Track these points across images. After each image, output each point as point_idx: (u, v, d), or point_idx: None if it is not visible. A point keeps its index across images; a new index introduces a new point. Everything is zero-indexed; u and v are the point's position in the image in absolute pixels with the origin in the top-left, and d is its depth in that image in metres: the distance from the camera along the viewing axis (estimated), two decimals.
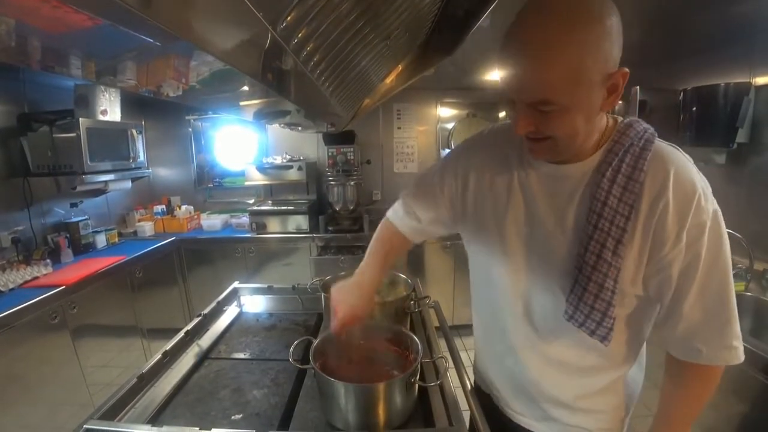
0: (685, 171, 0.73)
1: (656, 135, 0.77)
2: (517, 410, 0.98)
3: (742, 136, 1.85)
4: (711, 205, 0.72)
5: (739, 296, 1.84)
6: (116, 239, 3.11)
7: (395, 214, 1.06)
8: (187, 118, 3.77)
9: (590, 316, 0.76)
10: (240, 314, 1.58)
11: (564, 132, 0.71)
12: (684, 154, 0.77)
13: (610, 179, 0.73)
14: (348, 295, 1.00)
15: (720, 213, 0.73)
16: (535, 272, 0.85)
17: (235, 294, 1.67)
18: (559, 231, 0.80)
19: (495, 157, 0.90)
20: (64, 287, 2.12)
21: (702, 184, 0.73)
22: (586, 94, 0.67)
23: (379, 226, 1.10)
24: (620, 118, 0.81)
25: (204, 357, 1.25)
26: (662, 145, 0.76)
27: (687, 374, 0.82)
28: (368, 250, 1.07)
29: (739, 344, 0.76)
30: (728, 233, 0.74)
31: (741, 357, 0.76)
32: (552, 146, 0.74)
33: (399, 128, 3.91)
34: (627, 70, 0.67)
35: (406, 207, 1.03)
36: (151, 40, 0.52)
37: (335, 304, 0.99)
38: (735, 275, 1.86)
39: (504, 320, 0.92)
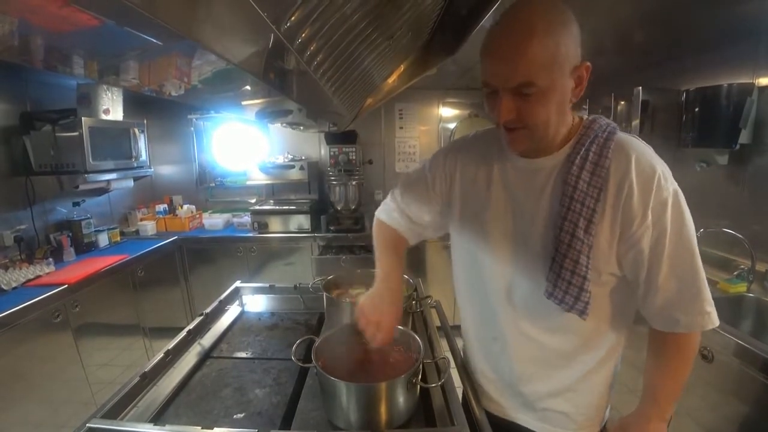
0: (645, 155, 0.80)
1: (618, 128, 0.86)
2: (502, 403, 1.03)
3: (744, 137, 1.84)
4: (671, 185, 0.79)
5: (740, 297, 1.85)
6: (118, 238, 3.11)
7: (389, 216, 1.09)
8: (189, 117, 3.77)
9: (568, 292, 0.82)
10: (242, 313, 1.58)
11: (540, 118, 0.77)
12: (644, 143, 0.84)
13: (579, 166, 0.81)
14: (384, 305, 0.97)
15: (680, 193, 0.80)
16: (517, 257, 0.91)
17: (236, 293, 1.68)
18: (537, 217, 0.87)
19: (478, 155, 0.98)
20: (66, 286, 2.12)
21: (661, 166, 0.80)
22: (560, 80, 0.75)
23: (376, 230, 1.12)
24: (585, 116, 0.89)
25: (206, 356, 1.26)
26: (624, 135, 0.84)
27: (667, 346, 0.88)
28: (379, 256, 1.06)
29: (712, 309, 0.81)
30: (730, 233, 0.76)
31: (716, 321, 0.82)
32: (528, 135, 0.81)
33: (401, 128, 3.90)
34: (589, 64, 0.77)
35: (398, 208, 1.07)
36: (154, 40, 0.52)
37: (375, 317, 0.95)
38: (737, 276, 1.86)
39: (490, 305, 0.97)
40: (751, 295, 1.80)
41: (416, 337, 1.02)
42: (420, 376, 0.95)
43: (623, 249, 0.81)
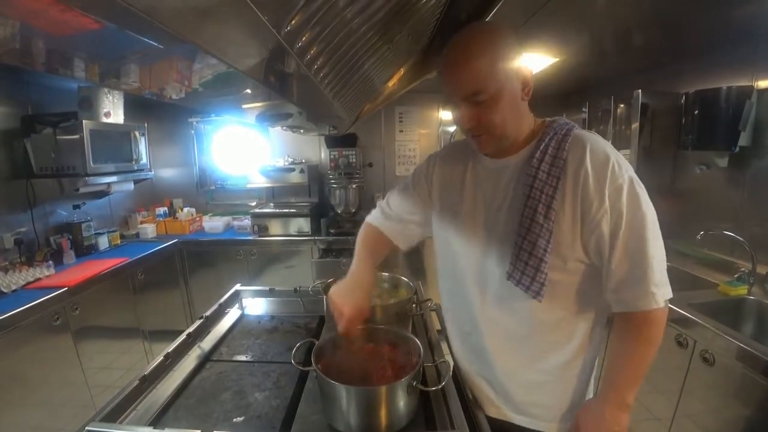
0: (599, 146, 0.87)
1: (576, 126, 0.93)
2: (492, 399, 1.04)
3: (744, 140, 1.85)
4: (626, 172, 0.84)
5: (741, 300, 1.84)
6: (118, 241, 3.11)
7: (373, 217, 1.23)
8: (189, 120, 3.78)
9: (525, 272, 0.88)
10: (242, 316, 1.58)
11: (497, 121, 0.87)
12: (599, 137, 0.90)
13: (539, 159, 0.89)
14: (350, 296, 1.03)
15: (636, 180, 0.85)
16: (487, 246, 0.98)
17: (236, 296, 1.67)
18: (504, 208, 0.96)
19: (453, 159, 1.10)
20: (66, 289, 2.12)
21: (615, 155, 0.85)
22: (507, 83, 0.85)
23: (361, 230, 1.22)
24: (548, 119, 0.96)
25: (206, 359, 1.25)
26: (580, 131, 0.91)
27: (625, 329, 0.90)
28: (356, 253, 1.15)
29: (657, 290, 0.84)
30: (730, 236, 0.76)
31: (660, 302, 0.84)
32: (491, 139, 0.91)
33: (401, 131, 3.91)
34: (531, 68, 0.88)
35: (382, 209, 1.21)
36: (155, 43, 0.52)
37: (340, 305, 1.00)
38: (737, 279, 1.86)
39: (464, 296, 1.04)
40: (752, 297, 1.79)
41: (416, 340, 1.02)
42: (420, 380, 0.94)
43: (586, 234, 0.86)
